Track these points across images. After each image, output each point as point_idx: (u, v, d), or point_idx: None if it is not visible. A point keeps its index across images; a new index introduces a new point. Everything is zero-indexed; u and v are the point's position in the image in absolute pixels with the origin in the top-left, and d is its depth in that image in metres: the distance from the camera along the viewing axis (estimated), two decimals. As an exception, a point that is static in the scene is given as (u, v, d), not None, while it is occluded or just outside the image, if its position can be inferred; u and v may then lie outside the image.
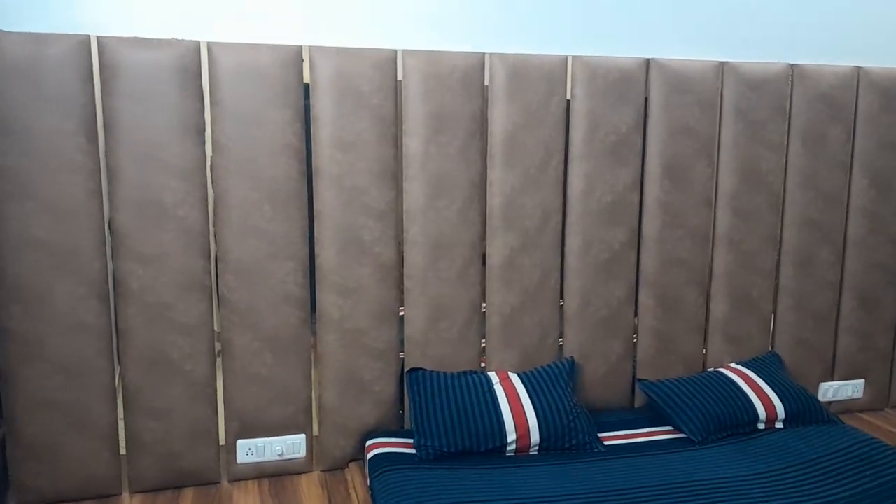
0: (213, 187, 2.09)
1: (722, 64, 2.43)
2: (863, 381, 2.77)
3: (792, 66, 2.49)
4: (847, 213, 2.65)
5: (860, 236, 2.66)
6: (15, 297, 1.95)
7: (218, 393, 2.18)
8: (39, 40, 1.87)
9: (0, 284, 1.93)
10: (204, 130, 2.05)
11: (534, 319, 2.40)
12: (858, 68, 2.56)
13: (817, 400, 2.45)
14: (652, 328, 2.53)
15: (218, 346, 2.19)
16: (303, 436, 2.26)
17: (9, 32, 1.86)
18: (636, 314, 2.53)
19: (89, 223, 1.98)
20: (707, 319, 2.60)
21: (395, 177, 2.21)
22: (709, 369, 2.60)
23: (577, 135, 2.35)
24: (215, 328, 2.17)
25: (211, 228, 2.11)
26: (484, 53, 2.22)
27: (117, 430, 2.11)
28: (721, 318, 2.59)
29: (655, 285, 2.50)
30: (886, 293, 2.73)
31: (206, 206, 2.08)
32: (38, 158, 1.91)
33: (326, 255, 2.19)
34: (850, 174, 2.63)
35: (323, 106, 2.11)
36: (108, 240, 2.03)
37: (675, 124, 2.41)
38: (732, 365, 2.56)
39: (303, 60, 2.09)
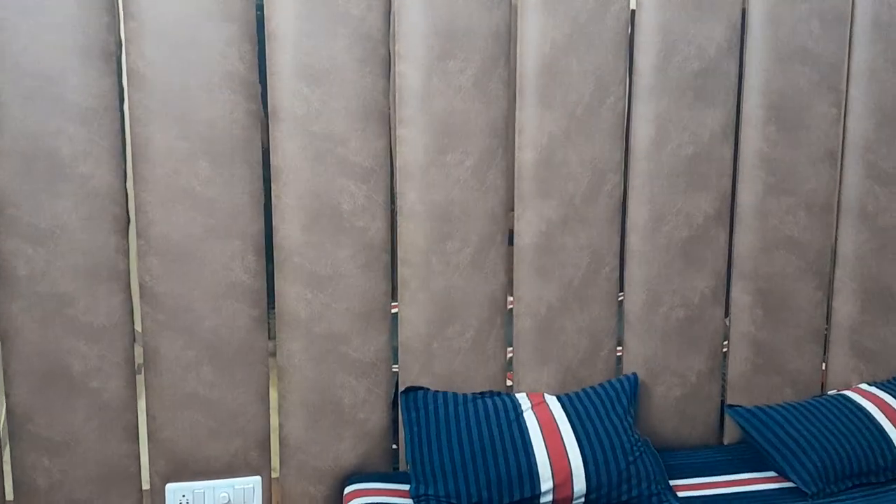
0: (128, 134, 1.96)
1: (856, -41, 2.25)
2: None
3: None
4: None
5: None
6: None
7: (139, 419, 2.08)
8: None
9: None
10: (115, 54, 1.91)
11: (580, 322, 2.27)
12: None
13: None
14: (749, 336, 2.39)
15: (139, 355, 2.07)
16: (257, 479, 2.16)
17: None
18: (727, 316, 2.40)
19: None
20: (828, 324, 2.47)
21: (386, 120, 2.09)
22: (830, 392, 2.46)
23: (643, 60, 2.20)
24: (134, 330, 2.05)
25: (127, 192, 1.99)
26: None
27: (1, 468, 2.02)
28: (848, 322, 2.45)
29: (754, 276, 2.35)
30: None
31: (120, 160, 1.95)
32: None
33: (289, 230, 2.06)
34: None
35: (282, 18, 1.97)
36: None
37: (786, 45, 2.24)
38: (864, 387, 2.41)
39: None
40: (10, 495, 2.04)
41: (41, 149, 1.88)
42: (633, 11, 2.18)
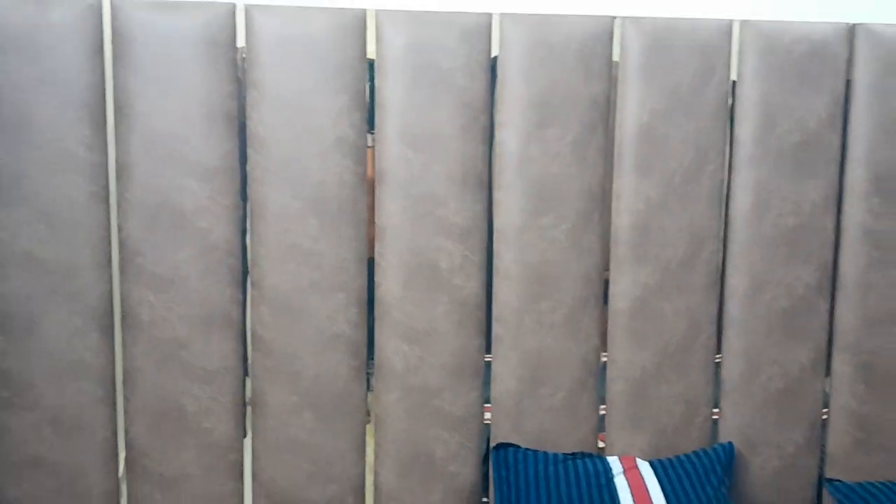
0: (249, 193, 1.96)
1: (966, 30, 2.03)
2: None
3: None
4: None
5: None
6: (-1, 325, 1.89)
7: (245, 459, 2.03)
8: (39, 2, 1.81)
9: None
10: (237, 119, 1.92)
11: (676, 389, 2.11)
12: None
13: None
14: (850, 409, 2.16)
15: (248, 398, 2.04)
16: None
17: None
18: (827, 388, 2.18)
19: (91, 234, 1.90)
20: None
21: (484, 184, 2.02)
22: None
23: (743, 131, 2.05)
24: (246, 376, 2.02)
25: (243, 246, 1.98)
26: (613, 17, 1.99)
27: (118, 498, 2.00)
28: None
29: (857, 349, 2.14)
30: None
31: (237, 216, 1.95)
32: (33, 152, 1.85)
33: (389, 286, 2.00)
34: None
35: (391, 89, 1.93)
36: (115, 257, 1.94)
37: (890, 118, 2.05)
38: None
39: (367, 28, 1.93)
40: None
41: (167, 204, 1.90)
42: (733, 83, 2.05)
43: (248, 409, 2.03)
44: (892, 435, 2.16)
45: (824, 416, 2.18)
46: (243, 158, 1.95)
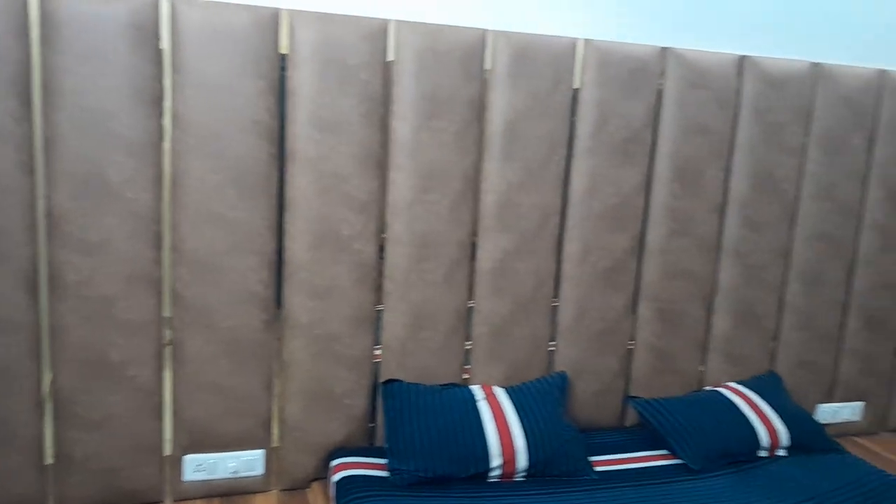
0: (169, 166, 1.91)
1: (742, 58, 2.35)
2: (862, 403, 2.76)
3: (815, 65, 2.41)
4: (860, 227, 2.62)
5: (871, 253, 2.64)
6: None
7: (165, 401, 2.02)
8: (-35, -19, 1.65)
9: None
10: (161, 99, 1.87)
11: (524, 330, 2.31)
12: (882, 71, 2.50)
13: (821, 426, 2.42)
14: (649, 343, 2.47)
15: (167, 341, 2.02)
16: (261, 451, 2.12)
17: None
18: (634, 328, 2.46)
19: (19, 201, 1.77)
20: (707, 336, 2.56)
21: (381, 164, 2.08)
22: (706, 388, 2.55)
23: (583, 128, 2.25)
24: (164, 328, 1.99)
25: (165, 214, 1.94)
26: (486, 30, 2.09)
27: (43, 442, 1.93)
28: (722, 335, 2.55)
29: (656, 297, 2.44)
30: (892, 314, 2.71)
31: (160, 187, 1.91)
32: (-41, 122, 1.69)
33: (297, 249, 2.04)
34: (867, 186, 2.59)
35: (302, 79, 1.95)
36: (42, 222, 1.83)
37: (690, 122, 2.33)
38: (732, 384, 2.52)
39: (280, 25, 1.92)
40: (50, 463, 1.96)
41: (94, 175, 1.82)
42: (576, 90, 2.22)
43: (169, 356, 2.01)
44: (677, 360, 2.50)
45: (630, 348, 2.47)
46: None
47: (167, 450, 2.06)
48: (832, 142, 2.49)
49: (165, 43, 1.85)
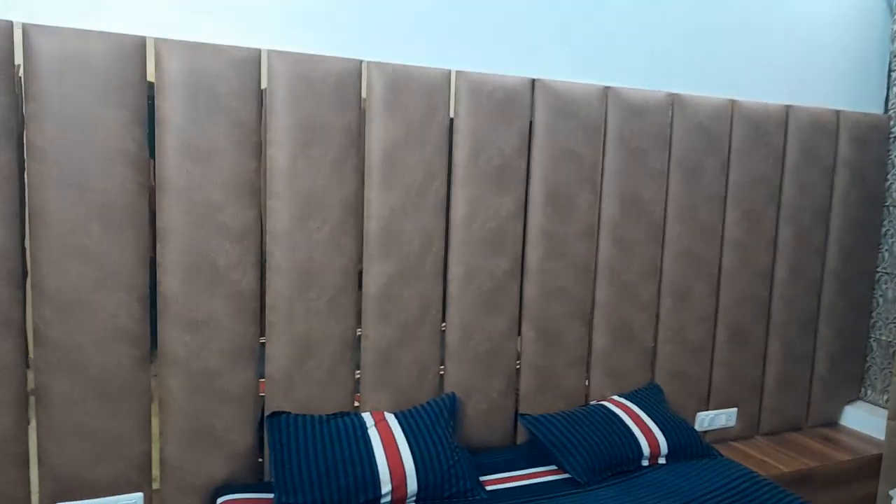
0: (27, 199, 1.74)
1: (606, 89, 2.40)
2: (735, 409, 2.81)
3: (672, 94, 2.49)
4: (721, 245, 2.69)
5: (733, 269, 2.72)
6: None
7: (30, 449, 1.82)
8: None
9: None
10: (16, 130, 1.71)
11: (412, 354, 2.24)
12: (732, 101, 2.61)
13: (696, 432, 2.43)
14: (533, 362, 2.44)
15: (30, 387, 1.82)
16: (139, 495, 1.94)
17: None
18: (519, 347, 2.43)
19: None
20: (589, 352, 2.55)
21: (257, 193, 1.98)
22: (591, 402, 2.54)
23: (459, 156, 2.23)
24: (28, 370, 1.80)
25: (24, 250, 1.77)
26: (361, 61, 2.05)
27: None
28: (603, 351, 2.56)
29: (538, 317, 2.42)
30: (755, 325, 2.79)
31: (18, 222, 1.74)
32: None
33: (171, 282, 1.90)
34: (725, 207, 2.67)
35: (170, 107, 1.85)
36: None
37: (560, 149, 2.36)
38: (615, 398, 2.52)
39: (147, 54, 1.81)
40: None
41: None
42: (452, 119, 2.21)
43: (32, 400, 1.82)
44: (561, 377, 2.47)
45: (517, 368, 2.43)
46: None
47: (34, 501, 1.85)
48: (690, 166, 2.57)
49: (22, 71, 1.69)
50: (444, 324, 2.31)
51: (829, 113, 2.77)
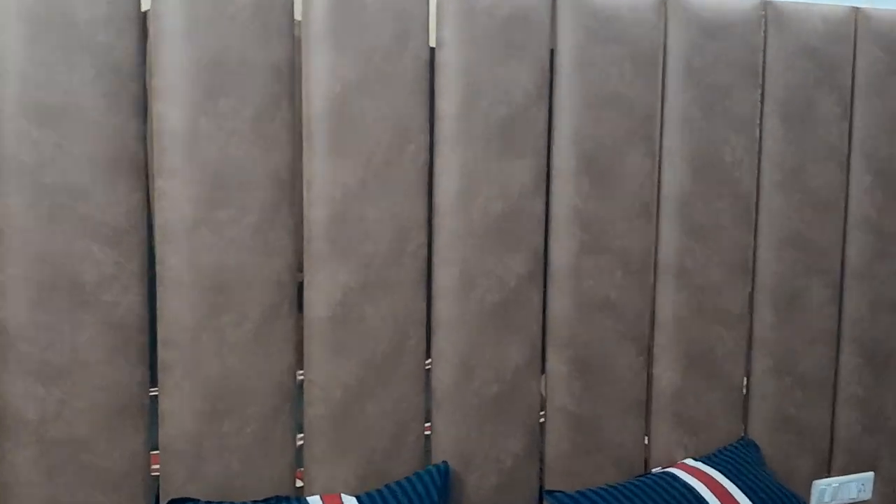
0: None
1: (664, -2, 2.43)
2: (872, 474, 2.83)
3: (764, 1, 2.52)
4: (845, 226, 2.71)
5: (864, 261, 2.73)
6: None
7: None
8: None
9: None
10: None
11: (384, 405, 2.25)
12: (856, 10, 2.64)
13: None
14: (566, 410, 2.45)
15: None
16: None
17: None
18: (543, 389, 2.44)
19: None
20: (649, 393, 2.58)
21: (141, 170, 1.99)
22: (654, 470, 2.56)
23: (446, 105, 2.24)
24: None
25: None
26: None
27: None
28: (670, 391, 2.57)
29: (571, 343, 2.43)
30: (903, 340, 2.81)
31: None
32: None
33: (13, 308, 1.90)
34: (849, 169, 2.69)
35: (6, 46, 1.84)
36: None
37: (597, 90, 2.36)
38: (690, 462, 2.54)
39: None
40: None
41: None
42: (433, 50, 2.21)
43: None
44: (607, 431, 2.48)
45: (542, 420, 2.45)
46: None
47: None
48: (794, 109, 2.58)
49: None
50: (429, 359, 2.32)
51: None
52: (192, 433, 2.06)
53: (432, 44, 2.20)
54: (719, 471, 2.47)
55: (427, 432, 2.35)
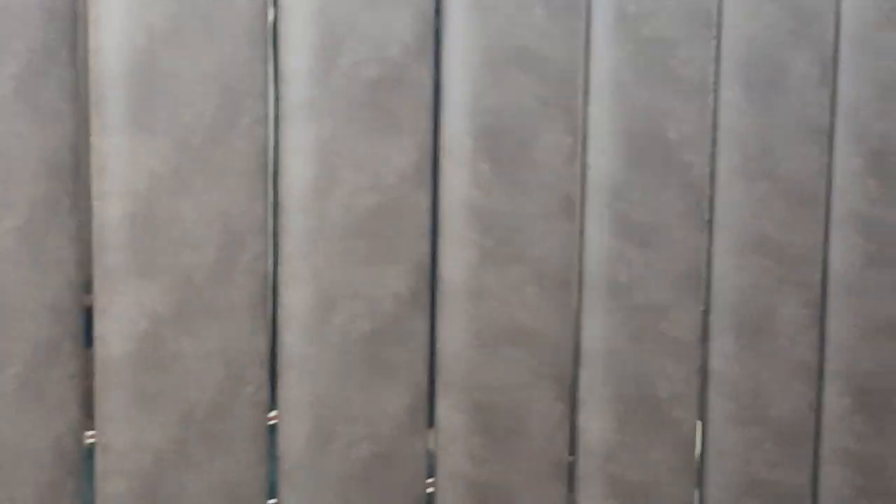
0: None
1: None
2: (865, 550, 2.90)
3: None
4: (827, 224, 2.80)
5: (853, 270, 2.81)
6: None
7: None
8: None
9: None
10: None
11: (209, 478, 2.23)
12: None
13: None
14: (463, 476, 2.48)
15: None
16: None
17: None
18: (433, 446, 2.48)
19: None
20: (574, 451, 2.61)
21: None
22: None
23: (294, 61, 2.24)
24: None
25: None
26: None
27: None
28: (601, 447, 2.61)
29: (470, 385, 2.46)
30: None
31: None
32: None
33: None
34: (832, 147, 2.77)
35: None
36: None
37: (499, 43, 2.39)
38: None
39: None
40: None
41: None
42: None
43: None
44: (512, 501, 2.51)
45: (430, 490, 2.46)
46: None
47: None
48: (761, 70, 2.65)
49: None
50: (274, 412, 2.32)
51: None
52: None
53: (272, -22, 2.22)
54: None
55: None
